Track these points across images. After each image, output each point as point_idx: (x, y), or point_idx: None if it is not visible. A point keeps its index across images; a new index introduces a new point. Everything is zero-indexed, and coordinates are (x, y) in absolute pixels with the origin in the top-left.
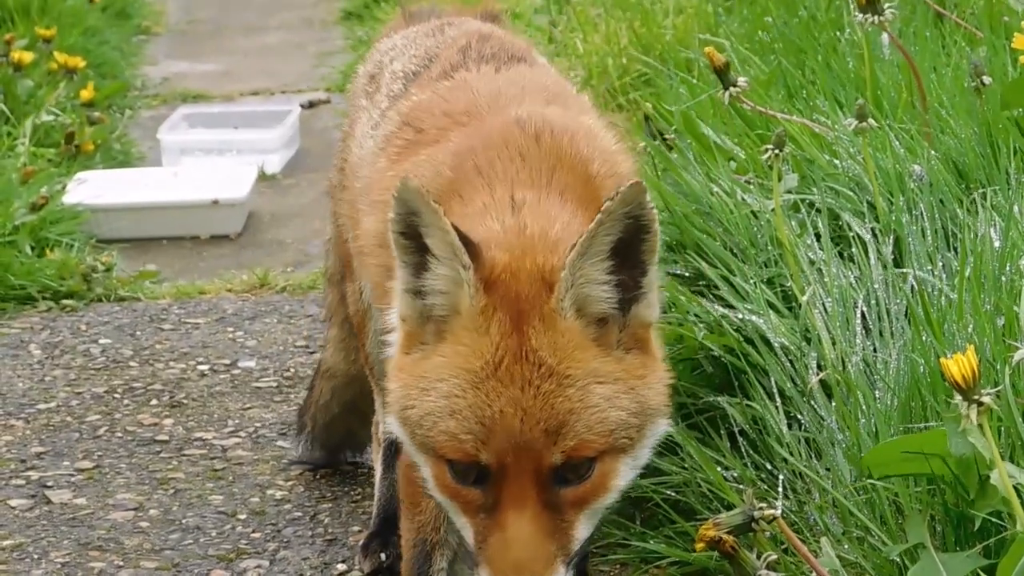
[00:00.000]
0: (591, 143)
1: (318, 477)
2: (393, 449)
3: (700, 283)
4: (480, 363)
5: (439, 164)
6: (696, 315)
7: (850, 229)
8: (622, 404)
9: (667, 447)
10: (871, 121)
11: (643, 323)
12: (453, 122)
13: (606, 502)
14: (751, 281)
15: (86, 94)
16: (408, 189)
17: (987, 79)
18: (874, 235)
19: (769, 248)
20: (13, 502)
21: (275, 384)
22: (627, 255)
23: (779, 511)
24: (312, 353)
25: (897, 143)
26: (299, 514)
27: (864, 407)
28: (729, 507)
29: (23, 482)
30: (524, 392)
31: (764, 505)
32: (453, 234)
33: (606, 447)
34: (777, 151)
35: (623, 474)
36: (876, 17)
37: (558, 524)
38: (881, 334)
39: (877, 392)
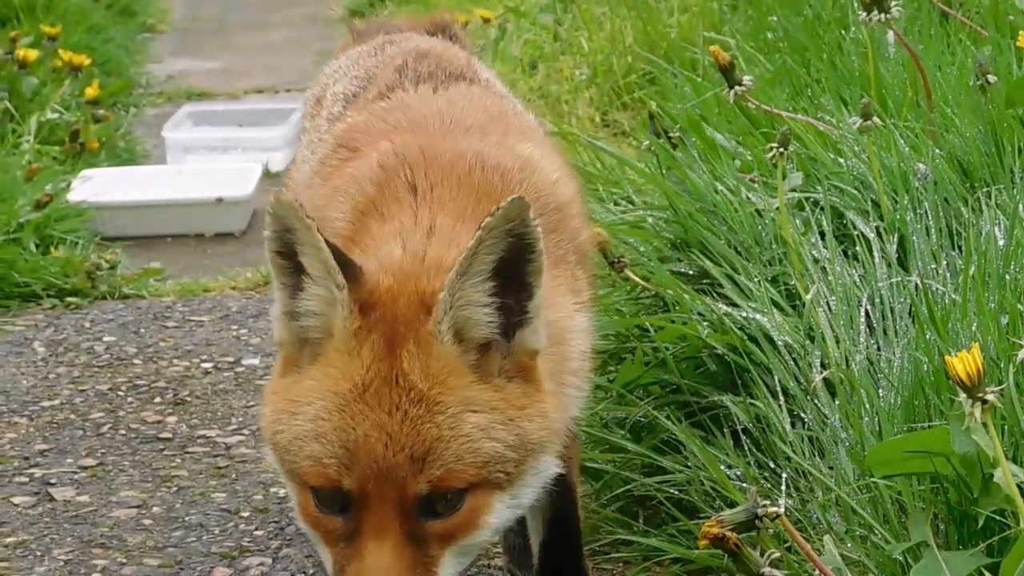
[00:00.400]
0: (525, 179)
1: None
2: None
3: (704, 281)
4: (348, 385)
5: (363, 179)
6: (700, 313)
7: (854, 227)
8: (498, 435)
9: (670, 445)
10: (876, 120)
11: (528, 351)
12: (394, 129)
13: (477, 540)
14: (755, 279)
15: (91, 92)
16: (281, 204)
17: (992, 78)
18: (878, 234)
19: (773, 246)
20: (16, 499)
21: None
22: (511, 276)
23: (782, 509)
24: None
25: (902, 141)
26: None
27: (868, 405)
28: (732, 505)
29: (26, 479)
30: (391, 416)
31: (767, 503)
32: (327, 252)
33: (478, 480)
34: (782, 149)
35: (498, 511)
36: (881, 15)
37: (420, 559)
38: (885, 332)
39: (881, 390)
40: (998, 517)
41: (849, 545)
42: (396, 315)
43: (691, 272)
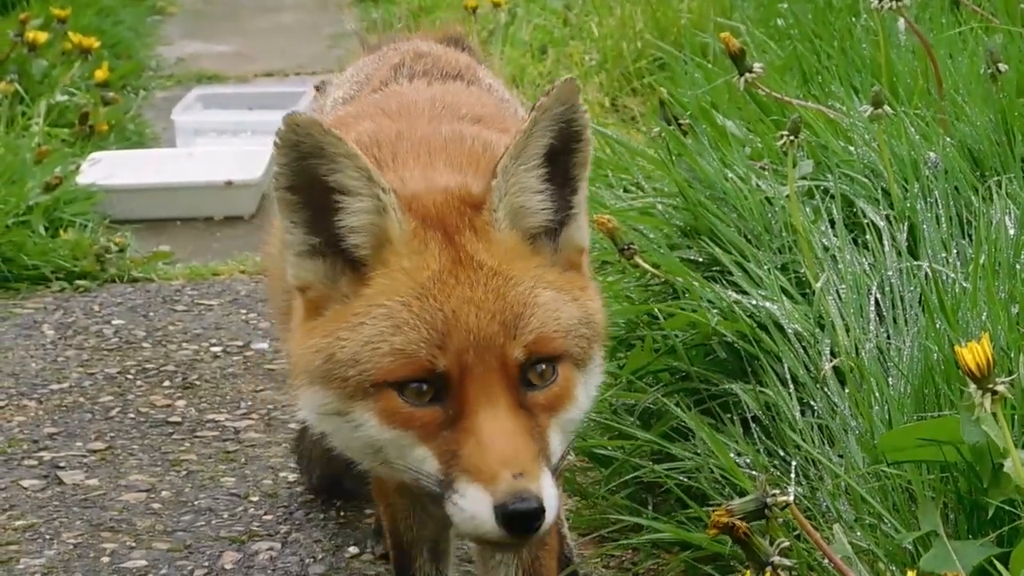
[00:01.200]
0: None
1: None
2: None
3: (714, 269)
4: (425, 275)
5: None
6: (710, 301)
7: (864, 216)
8: (569, 310)
9: (680, 432)
10: (886, 108)
11: (576, 247)
12: (382, 113)
13: (572, 415)
14: (765, 267)
15: (100, 74)
16: (301, 124)
17: (1003, 66)
18: (888, 222)
19: (783, 234)
20: (26, 483)
21: (288, 366)
22: (558, 167)
23: (792, 497)
24: None
25: (912, 130)
26: (311, 496)
27: (877, 394)
28: (742, 493)
29: (36, 463)
30: (473, 290)
31: (777, 491)
32: (364, 158)
33: (564, 349)
34: (792, 137)
35: (581, 389)
36: (893, 2)
37: (533, 426)
38: (895, 321)
39: (890, 379)
40: (1008, 507)
41: (859, 534)
42: (440, 215)
43: (701, 259)
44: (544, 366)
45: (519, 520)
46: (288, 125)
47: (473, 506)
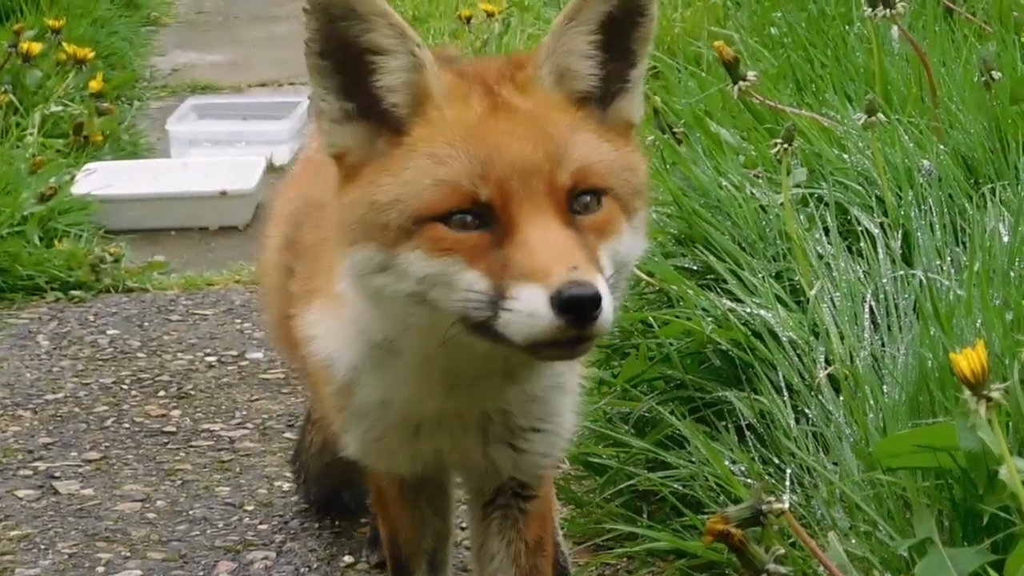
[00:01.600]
0: None
1: None
2: None
3: (708, 277)
4: (470, 117)
5: None
6: (704, 309)
7: (859, 223)
8: (612, 157)
9: (674, 441)
10: (880, 115)
11: (626, 120)
12: None
13: (620, 247)
14: (759, 275)
15: (95, 85)
16: None
17: (997, 74)
18: (883, 230)
19: (778, 242)
20: (20, 492)
21: (283, 376)
22: (616, 38)
23: (787, 505)
24: None
25: (906, 137)
26: (306, 506)
27: (872, 402)
28: (737, 501)
29: (31, 472)
30: (516, 126)
31: (772, 499)
32: (396, 15)
33: (609, 184)
34: (786, 145)
35: (628, 231)
36: (886, 11)
37: (583, 240)
38: (889, 329)
39: (885, 387)
40: (1003, 514)
41: (854, 541)
42: (481, 74)
43: (695, 267)
44: (589, 197)
45: (577, 306)
46: None
47: (528, 303)
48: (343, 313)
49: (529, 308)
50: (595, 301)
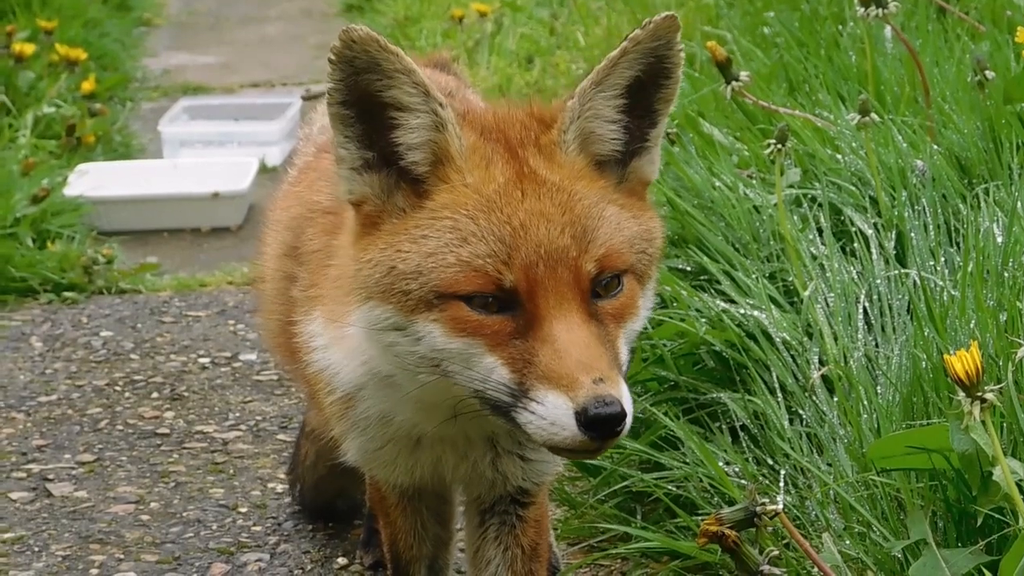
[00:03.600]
0: None
1: None
2: None
3: (702, 278)
4: (491, 188)
5: None
6: (698, 310)
7: (852, 224)
8: (632, 227)
9: (668, 442)
10: (873, 116)
11: (642, 180)
12: None
13: (637, 325)
14: (753, 276)
15: (87, 86)
16: (357, 40)
17: (990, 74)
18: (876, 230)
19: (771, 243)
20: (14, 495)
21: (276, 378)
22: (639, 99)
23: (781, 506)
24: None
25: (899, 138)
26: (300, 508)
27: (866, 402)
28: (731, 502)
29: (24, 475)
30: (542, 202)
31: (766, 500)
32: (421, 73)
33: (629, 263)
34: (780, 146)
35: (643, 302)
36: (879, 11)
37: (605, 335)
38: (883, 329)
39: (879, 387)
40: (997, 515)
41: (848, 542)
42: (503, 132)
43: (689, 268)
44: (610, 279)
45: (602, 424)
46: (343, 40)
47: (553, 412)
48: (350, 339)
49: (553, 417)
50: (620, 418)
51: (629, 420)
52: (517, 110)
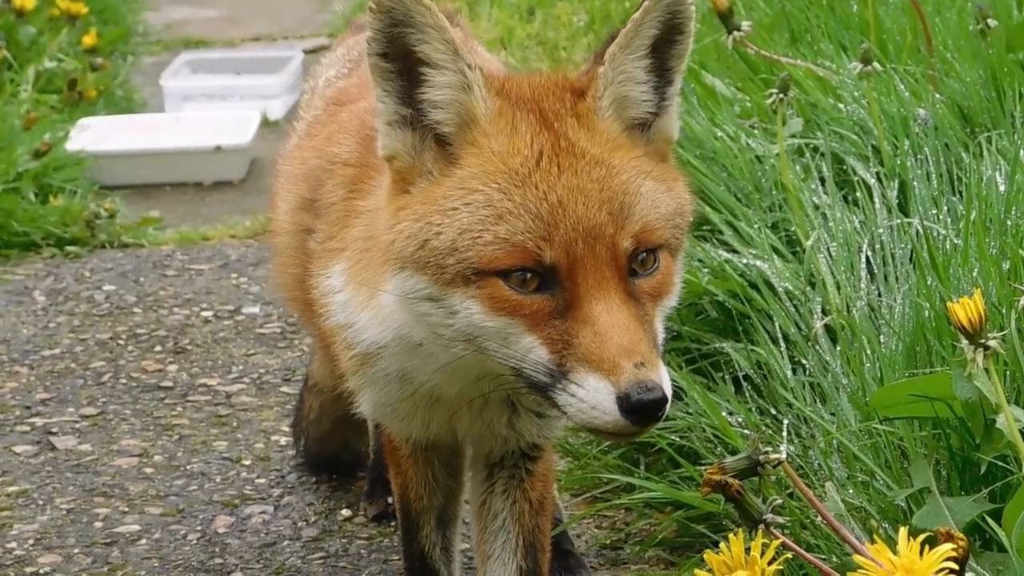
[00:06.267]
0: None
1: None
2: None
3: (704, 228)
4: (518, 160)
5: (367, 111)
6: (700, 260)
7: (855, 173)
8: (666, 200)
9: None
10: (875, 65)
11: (666, 138)
12: None
13: (672, 301)
14: (755, 226)
15: (88, 40)
16: None
17: (992, 22)
18: (879, 179)
19: (773, 193)
20: (18, 448)
21: (279, 330)
22: (658, 58)
23: (784, 455)
24: None
25: (902, 87)
26: (304, 461)
27: (869, 352)
28: (734, 452)
29: (28, 428)
30: (578, 177)
31: (769, 449)
32: (451, 31)
33: (665, 238)
34: (781, 95)
35: (677, 275)
36: None
37: (643, 314)
38: (886, 279)
39: (882, 337)
40: (1000, 463)
41: (851, 491)
42: (535, 98)
43: (691, 219)
44: (646, 254)
45: (644, 410)
46: None
47: (594, 396)
48: (380, 304)
49: (594, 401)
50: (661, 403)
51: (669, 404)
52: (547, 79)
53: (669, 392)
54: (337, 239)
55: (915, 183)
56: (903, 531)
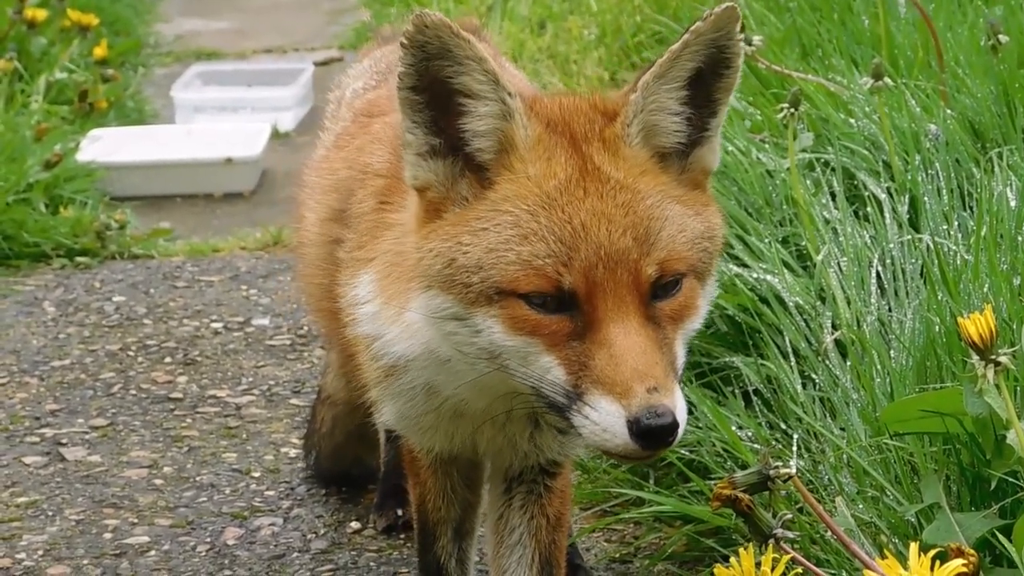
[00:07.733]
0: None
1: None
2: None
3: None
4: (551, 184)
5: (399, 124)
6: None
7: (865, 188)
8: (694, 224)
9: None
10: (887, 80)
11: (704, 169)
12: None
13: (695, 324)
14: (766, 240)
15: (100, 52)
16: (430, 25)
17: (1004, 38)
18: (889, 194)
19: (784, 207)
20: (28, 459)
21: (289, 342)
22: (700, 89)
23: (794, 470)
24: None
25: (913, 102)
26: (314, 475)
27: (879, 366)
28: (744, 466)
29: (37, 439)
30: (603, 201)
31: (779, 464)
32: (491, 62)
33: (690, 264)
34: (792, 110)
35: (702, 299)
36: None
37: (662, 338)
38: (896, 294)
39: (892, 352)
40: (1011, 479)
41: (861, 506)
42: (568, 124)
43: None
44: (670, 280)
45: (653, 435)
46: (416, 25)
47: (606, 419)
48: (410, 320)
49: (606, 424)
50: (672, 429)
51: (682, 430)
52: (580, 101)
53: (682, 417)
54: (366, 249)
55: (926, 198)
56: (913, 547)
